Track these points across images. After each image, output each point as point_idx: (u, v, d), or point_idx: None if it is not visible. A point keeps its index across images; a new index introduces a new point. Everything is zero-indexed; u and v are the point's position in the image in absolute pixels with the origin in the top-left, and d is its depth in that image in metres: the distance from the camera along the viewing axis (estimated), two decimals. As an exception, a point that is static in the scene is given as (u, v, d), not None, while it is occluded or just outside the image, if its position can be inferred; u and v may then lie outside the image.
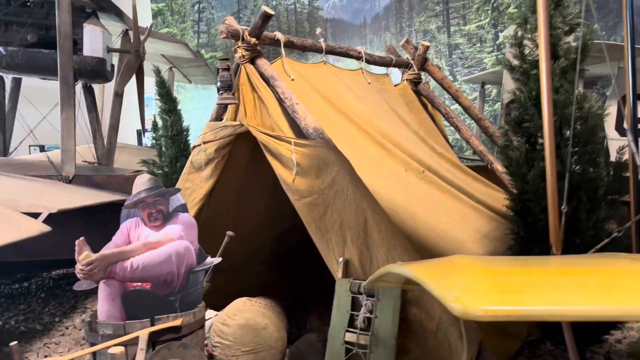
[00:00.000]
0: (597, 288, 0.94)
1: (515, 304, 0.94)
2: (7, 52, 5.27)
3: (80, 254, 2.96)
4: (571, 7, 2.78)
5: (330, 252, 2.86)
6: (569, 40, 2.84)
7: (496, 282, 1.05)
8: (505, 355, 2.93)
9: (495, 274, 1.11)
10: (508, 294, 0.97)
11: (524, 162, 2.83)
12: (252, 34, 3.09)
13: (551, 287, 0.99)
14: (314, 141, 2.89)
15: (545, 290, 0.96)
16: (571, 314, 0.91)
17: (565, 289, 0.96)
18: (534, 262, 1.69)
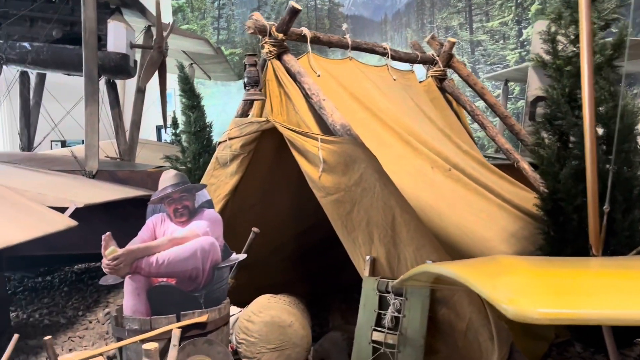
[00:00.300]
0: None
1: (570, 306, 0.90)
2: (32, 47, 5.32)
3: (106, 248, 2.97)
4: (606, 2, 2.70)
5: (356, 250, 2.83)
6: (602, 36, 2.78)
7: (548, 284, 1.01)
8: (534, 357, 2.88)
9: (545, 276, 1.08)
10: (562, 296, 0.94)
11: (555, 161, 2.78)
12: (280, 29, 3.07)
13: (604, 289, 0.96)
14: (341, 138, 2.86)
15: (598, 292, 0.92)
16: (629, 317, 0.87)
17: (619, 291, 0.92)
18: (578, 264, 1.64)
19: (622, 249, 2.45)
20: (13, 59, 5.38)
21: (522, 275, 1.07)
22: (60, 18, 5.36)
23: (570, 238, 2.68)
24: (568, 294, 0.93)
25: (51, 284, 5.77)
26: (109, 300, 4.97)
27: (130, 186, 5.07)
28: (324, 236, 4.38)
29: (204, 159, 4.53)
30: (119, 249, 2.95)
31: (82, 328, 4.28)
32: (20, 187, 3.29)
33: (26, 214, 2.90)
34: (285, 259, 4.27)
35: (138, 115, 6.41)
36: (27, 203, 3.04)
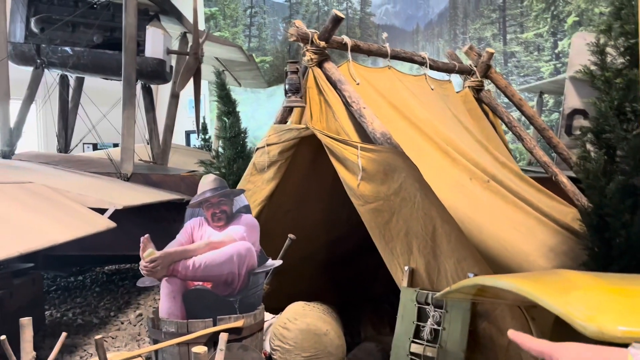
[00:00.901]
0: None
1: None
2: (73, 52, 5.45)
3: (144, 250, 3.00)
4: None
5: (394, 260, 2.80)
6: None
7: (624, 301, 0.98)
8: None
9: (618, 293, 1.04)
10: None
11: (601, 175, 2.70)
12: (322, 37, 3.07)
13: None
14: (381, 146, 2.85)
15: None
16: None
17: None
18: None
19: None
20: (54, 62, 5.51)
21: (596, 291, 1.04)
22: (101, 24, 5.48)
23: (616, 255, 2.60)
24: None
25: (83, 284, 5.86)
26: (139, 302, 5.02)
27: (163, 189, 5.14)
28: (356, 245, 4.37)
29: (237, 165, 4.57)
30: (156, 252, 2.98)
31: (114, 329, 4.33)
32: (63, 188, 3.36)
33: (69, 214, 2.96)
34: (317, 267, 4.26)
35: (172, 120, 6.51)
36: (70, 203, 3.09)
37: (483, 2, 8.48)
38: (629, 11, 2.61)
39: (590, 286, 1.06)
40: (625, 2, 2.66)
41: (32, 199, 2.87)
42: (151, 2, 5.64)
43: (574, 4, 7.55)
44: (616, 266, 2.59)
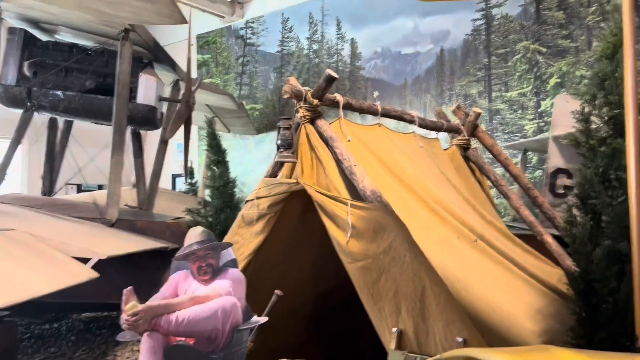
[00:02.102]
0: None
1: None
2: (65, 96, 5.47)
3: (127, 303, 2.94)
4: None
5: (382, 321, 2.76)
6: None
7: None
8: None
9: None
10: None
11: (588, 240, 2.73)
12: (315, 95, 3.14)
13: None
14: (371, 204, 2.86)
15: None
16: None
17: None
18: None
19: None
20: (45, 106, 5.52)
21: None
22: (95, 69, 5.54)
23: (604, 321, 2.60)
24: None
25: (58, 331, 5.67)
26: (116, 354, 4.86)
27: (148, 237, 5.07)
28: (343, 299, 4.30)
29: (225, 214, 4.55)
30: (139, 305, 2.92)
31: (89, 382, 4.17)
32: (45, 235, 3.30)
33: (51, 264, 2.90)
34: (302, 321, 4.19)
35: (160, 166, 6.50)
36: (53, 253, 3.03)
37: (469, 60, 8.75)
38: (612, 82, 2.72)
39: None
40: (609, 73, 2.77)
41: (14, 247, 2.81)
42: (146, 51, 5.73)
43: (555, 66, 7.83)
44: (604, 332, 2.59)
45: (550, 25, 7.93)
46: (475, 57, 8.72)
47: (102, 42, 5.60)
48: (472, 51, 8.76)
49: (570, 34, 7.75)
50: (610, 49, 2.76)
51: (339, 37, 10.44)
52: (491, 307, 3.10)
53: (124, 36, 4.99)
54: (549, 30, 7.94)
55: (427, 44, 9.27)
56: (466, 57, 8.78)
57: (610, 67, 2.77)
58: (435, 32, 9.15)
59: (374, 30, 9.90)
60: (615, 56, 2.78)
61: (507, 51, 8.34)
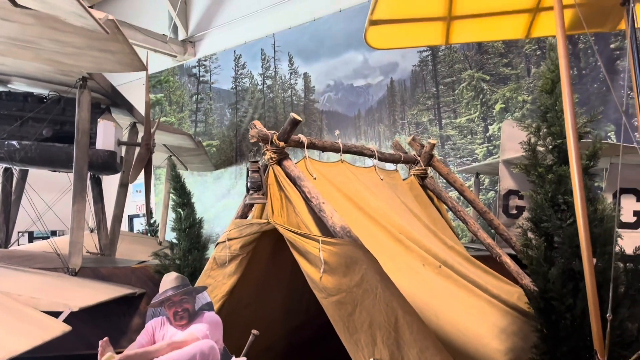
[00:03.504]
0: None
1: None
2: (21, 146, 5.39)
3: (103, 354, 2.93)
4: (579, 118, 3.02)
5: (359, 353, 2.86)
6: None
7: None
8: None
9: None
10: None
11: (543, 261, 2.94)
12: (281, 137, 3.27)
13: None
14: (341, 239, 2.99)
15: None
16: None
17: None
18: None
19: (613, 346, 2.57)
20: (1, 157, 5.41)
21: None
22: (52, 118, 5.49)
23: (564, 336, 2.79)
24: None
25: (21, 389, 5.44)
26: (87, 407, 4.71)
27: (114, 283, 5.00)
28: (315, 332, 4.39)
29: (193, 256, 4.56)
30: (115, 355, 2.92)
31: None
32: (12, 291, 3.24)
33: (23, 321, 2.86)
34: (277, 356, 4.22)
35: (120, 210, 6.42)
36: (22, 309, 2.99)
37: (418, 90, 9.15)
38: (554, 115, 2.98)
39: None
40: (550, 106, 3.03)
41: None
42: (103, 97, 5.73)
43: (499, 92, 8.29)
44: (565, 347, 2.77)
45: (491, 55, 8.42)
46: (423, 87, 9.13)
47: (58, 90, 5.57)
48: (420, 81, 9.18)
49: (510, 62, 8.26)
50: (549, 84, 3.03)
51: (292, 71, 10.70)
52: (459, 329, 3.25)
53: (81, 84, 4.99)
54: (491, 59, 8.43)
55: (377, 75, 9.64)
56: (415, 87, 9.18)
57: (550, 100, 3.04)
58: (384, 65, 9.54)
59: (325, 64, 10.21)
60: (554, 91, 3.05)
61: (454, 80, 8.78)
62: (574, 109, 2.57)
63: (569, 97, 2.57)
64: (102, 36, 3.43)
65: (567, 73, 2.63)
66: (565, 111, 2.57)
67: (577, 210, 2.38)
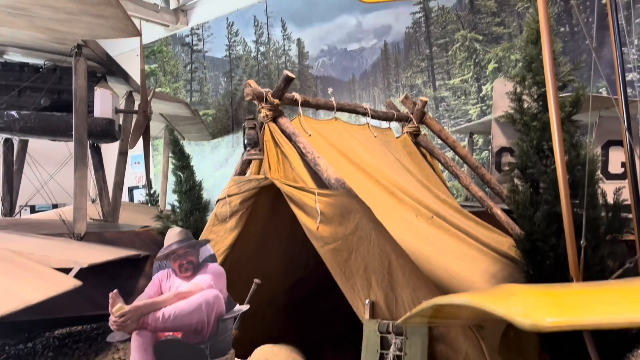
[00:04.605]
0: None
1: (574, 316, 1.16)
2: (20, 116, 5.47)
3: (113, 305, 3.08)
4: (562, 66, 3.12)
5: (355, 295, 3.03)
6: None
7: (555, 301, 1.26)
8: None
9: (552, 295, 1.32)
10: (568, 309, 1.19)
11: (529, 205, 3.09)
12: (275, 95, 3.37)
13: (599, 301, 1.21)
14: (336, 191, 3.12)
15: (595, 303, 1.17)
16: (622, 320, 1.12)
17: (611, 301, 1.17)
18: (572, 286, 1.91)
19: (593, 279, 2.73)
20: (1, 127, 5.50)
21: (530, 295, 1.31)
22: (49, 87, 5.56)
23: (548, 275, 2.95)
24: (571, 307, 1.18)
25: (34, 350, 5.67)
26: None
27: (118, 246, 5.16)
28: (314, 287, 4.57)
29: (194, 217, 4.70)
30: (125, 306, 3.07)
31: (76, 392, 4.26)
32: (24, 251, 3.38)
33: (37, 275, 3.01)
34: (278, 311, 4.41)
35: (121, 177, 6.54)
36: (35, 265, 3.14)
37: (412, 52, 9.17)
38: (538, 64, 3.07)
39: (526, 292, 1.35)
40: (534, 56, 3.12)
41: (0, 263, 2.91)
42: (99, 65, 5.79)
43: (492, 52, 8.33)
44: (549, 284, 2.94)
45: (484, 14, 8.43)
46: (417, 49, 9.15)
47: (53, 59, 5.62)
48: (414, 43, 9.19)
49: (502, 21, 8.27)
50: (534, 34, 3.12)
51: (285, 37, 10.68)
52: (451, 274, 3.41)
53: (77, 52, 5.04)
54: (483, 19, 8.44)
55: (370, 39, 9.64)
56: (409, 49, 9.20)
57: (535, 50, 3.13)
58: (377, 28, 9.53)
59: (319, 29, 10.20)
60: (540, 41, 3.14)
61: (447, 41, 8.81)
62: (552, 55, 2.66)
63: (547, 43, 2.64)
64: (95, 0, 3.49)
65: (546, 18, 2.70)
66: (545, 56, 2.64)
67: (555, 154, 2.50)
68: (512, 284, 1.52)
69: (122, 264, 5.03)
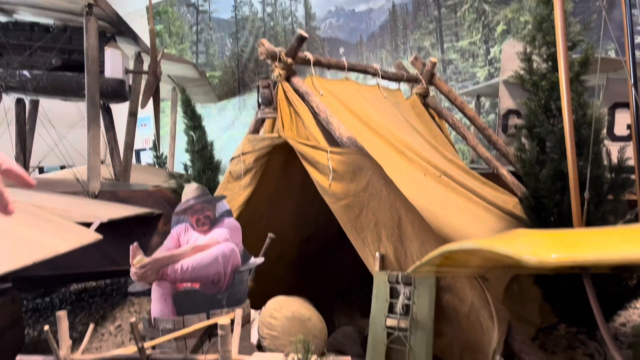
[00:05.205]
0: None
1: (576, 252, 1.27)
2: (32, 75, 5.53)
3: (134, 257, 3.23)
4: (572, 26, 3.15)
5: (366, 249, 3.16)
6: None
7: (559, 241, 1.37)
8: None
9: (556, 236, 1.43)
10: (570, 247, 1.29)
11: (535, 163, 3.18)
12: (288, 54, 3.42)
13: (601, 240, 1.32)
14: (348, 149, 3.21)
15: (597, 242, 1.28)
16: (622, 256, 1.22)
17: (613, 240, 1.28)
18: (577, 230, 2.02)
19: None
20: (13, 87, 5.57)
21: (536, 236, 1.42)
22: (60, 47, 5.60)
23: (552, 230, 3.07)
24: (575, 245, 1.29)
25: (52, 304, 5.89)
26: (115, 315, 5.14)
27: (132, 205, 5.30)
28: (324, 243, 4.72)
29: (207, 176, 4.81)
30: (145, 258, 3.22)
31: (96, 341, 4.46)
32: (47, 205, 3.51)
33: (61, 228, 3.14)
34: (290, 266, 4.56)
35: (131, 138, 6.64)
36: (57, 219, 3.27)
37: (420, 14, 9.09)
38: (549, 24, 3.11)
39: (532, 234, 1.46)
40: (545, 17, 3.16)
41: (24, 216, 3.04)
42: (108, 25, 5.80)
43: (501, 14, 8.26)
44: (552, 239, 3.06)
45: (494, -26, 8.32)
46: (425, 10, 9.07)
47: (63, 19, 5.64)
48: (422, 4, 9.10)
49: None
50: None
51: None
52: (457, 231, 3.53)
53: (88, 11, 5.06)
54: (493, -21, 8.34)
55: (378, 0, 9.55)
56: (417, 10, 9.12)
57: (546, 10, 3.16)
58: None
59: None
60: (551, 1, 3.17)
61: (456, 2, 8.72)
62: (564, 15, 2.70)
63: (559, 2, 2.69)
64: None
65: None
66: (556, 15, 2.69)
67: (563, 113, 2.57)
68: (519, 229, 1.63)
69: (136, 222, 5.18)
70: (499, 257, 1.54)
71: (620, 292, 3.06)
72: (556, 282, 3.11)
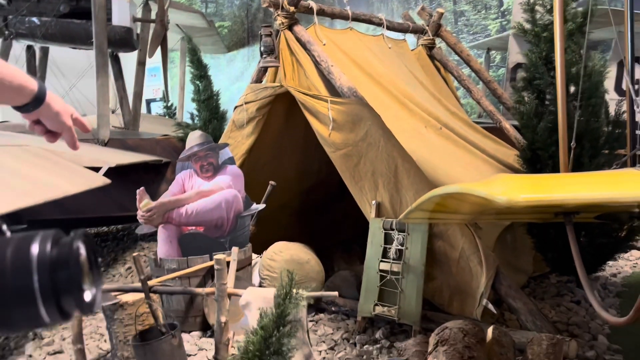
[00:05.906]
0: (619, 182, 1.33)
1: (544, 193, 1.34)
2: (41, 22, 5.56)
3: (141, 201, 3.37)
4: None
5: (363, 197, 3.26)
6: (574, 6, 3.20)
7: (532, 183, 1.44)
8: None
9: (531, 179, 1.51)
10: (540, 188, 1.37)
11: (533, 116, 3.21)
12: (291, 2, 3.42)
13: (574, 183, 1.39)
14: (348, 99, 3.26)
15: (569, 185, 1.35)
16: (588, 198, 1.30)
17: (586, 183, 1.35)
18: (557, 175, 2.10)
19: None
20: (23, 33, 5.62)
21: (512, 180, 1.50)
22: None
23: (546, 181, 3.14)
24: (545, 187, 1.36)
25: (65, 247, 6.12)
26: (126, 259, 5.36)
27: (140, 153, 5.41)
28: (325, 194, 4.83)
29: (213, 125, 4.89)
30: (152, 202, 3.35)
31: (107, 281, 4.68)
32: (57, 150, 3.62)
33: (69, 171, 3.26)
34: (292, 215, 4.69)
35: (140, 87, 6.68)
36: (67, 163, 3.38)
37: (433, -37, 8.85)
38: (554, -26, 3.07)
39: (510, 178, 1.54)
40: (550, -34, 3.11)
41: (34, 158, 3.15)
42: (115, -29, 5.78)
43: (517, -37, 8.02)
44: (546, 191, 3.13)
45: None
46: (439, -41, 8.82)
47: (70, -35, 5.62)
48: (436, -47, 8.85)
49: None
50: (552, -57, 3.08)
51: (303, -55, 10.31)
52: (454, 181, 3.60)
53: (94, -44, 5.04)
54: None
55: (391, -52, 9.29)
56: (430, -42, 8.88)
57: (552, -40, 3.11)
58: None
59: None
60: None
61: (470, -50, 8.47)
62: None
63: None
64: None
65: None
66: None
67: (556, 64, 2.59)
68: (502, 174, 1.70)
69: (145, 169, 5.31)
70: (481, 200, 1.62)
71: (610, 242, 3.15)
72: (547, 232, 3.20)
